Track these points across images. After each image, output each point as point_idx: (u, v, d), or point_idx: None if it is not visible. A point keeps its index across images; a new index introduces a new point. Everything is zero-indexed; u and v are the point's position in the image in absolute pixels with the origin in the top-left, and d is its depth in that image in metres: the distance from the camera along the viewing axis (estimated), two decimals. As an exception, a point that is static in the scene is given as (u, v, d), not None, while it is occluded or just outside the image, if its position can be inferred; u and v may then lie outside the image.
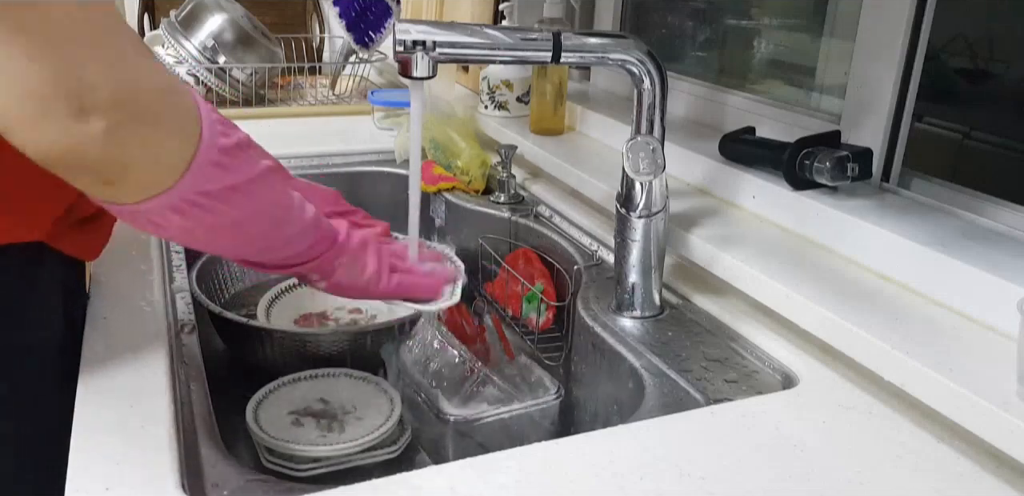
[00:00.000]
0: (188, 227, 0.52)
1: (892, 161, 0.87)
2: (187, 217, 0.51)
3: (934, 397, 0.59)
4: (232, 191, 0.52)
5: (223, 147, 0.51)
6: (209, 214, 0.51)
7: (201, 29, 1.44)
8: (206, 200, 0.50)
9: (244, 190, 0.53)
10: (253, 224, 0.56)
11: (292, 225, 0.59)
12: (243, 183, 0.53)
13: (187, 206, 0.50)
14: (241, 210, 0.54)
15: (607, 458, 0.56)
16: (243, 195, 0.53)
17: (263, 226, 0.57)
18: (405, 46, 0.64)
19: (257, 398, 0.77)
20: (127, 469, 0.53)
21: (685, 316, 0.81)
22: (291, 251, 0.61)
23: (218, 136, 0.51)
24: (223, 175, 0.51)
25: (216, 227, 0.53)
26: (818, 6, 1.08)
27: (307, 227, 0.60)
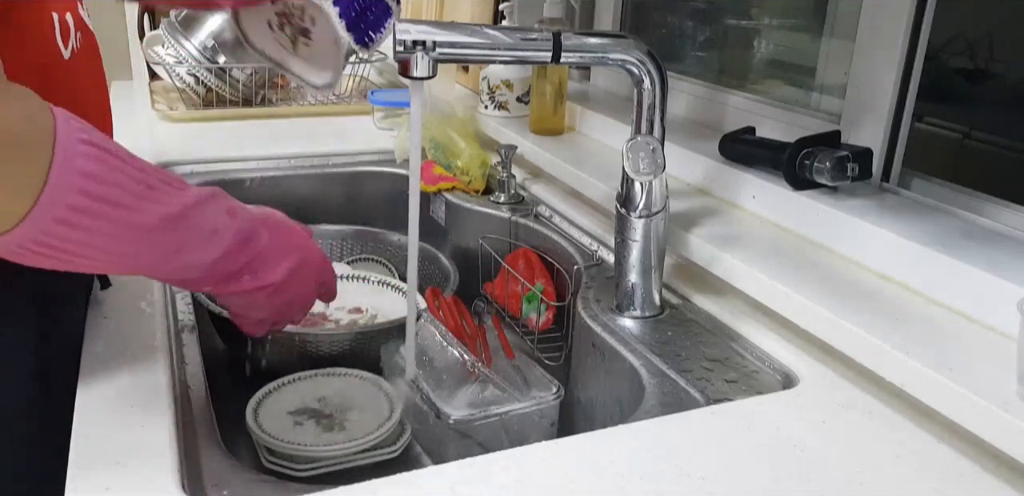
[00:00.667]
0: (44, 261, 0.50)
1: (892, 161, 0.87)
2: (35, 253, 0.49)
3: (934, 397, 0.59)
4: (82, 245, 0.49)
5: (73, 200, 0.47)
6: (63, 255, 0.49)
7: (201, 29, 1.44)
8: (49, 247, 0.48)
9: (96, 245, 0.50)
10: (121, 256, 0.53)
11: (185, 256, 0.56)
12: (103, 243, 0.50)
13: (24, 250, 0.48)
14: (94, 256, 0.51)
15: (607, 458, 0.56)
16: (93, 248, 0.50)
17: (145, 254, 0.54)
18: (405, 46, 0.64)
19: (257, 398, 0.77)
20: (127, 469, 0.53)
21: (685, 316, 0.81)
22: (187, 275, 0.58)
23: (72, 193, 0.47)
24: (68, 232, 0.48)
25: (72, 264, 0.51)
26: (818, 6, 1.08)
27: (208, 261, 0.58)
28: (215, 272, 0.59)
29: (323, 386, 0.80)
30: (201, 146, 1.29)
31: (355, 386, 0.80)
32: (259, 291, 0.63)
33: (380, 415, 0.76)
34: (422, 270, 1.03)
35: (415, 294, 0.75)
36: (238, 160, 1.25)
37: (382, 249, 1.13)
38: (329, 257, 1.12)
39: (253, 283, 0.62)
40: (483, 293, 1.07)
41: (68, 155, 0.47)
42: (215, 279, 0.60)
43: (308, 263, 0.66)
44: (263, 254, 0.62)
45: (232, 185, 1.21)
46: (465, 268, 1.05)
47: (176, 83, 1.49)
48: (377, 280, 1.03)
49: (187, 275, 0.59)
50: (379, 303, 1.01)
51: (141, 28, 2.39)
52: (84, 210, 0.48)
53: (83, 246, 0.50)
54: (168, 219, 0.53)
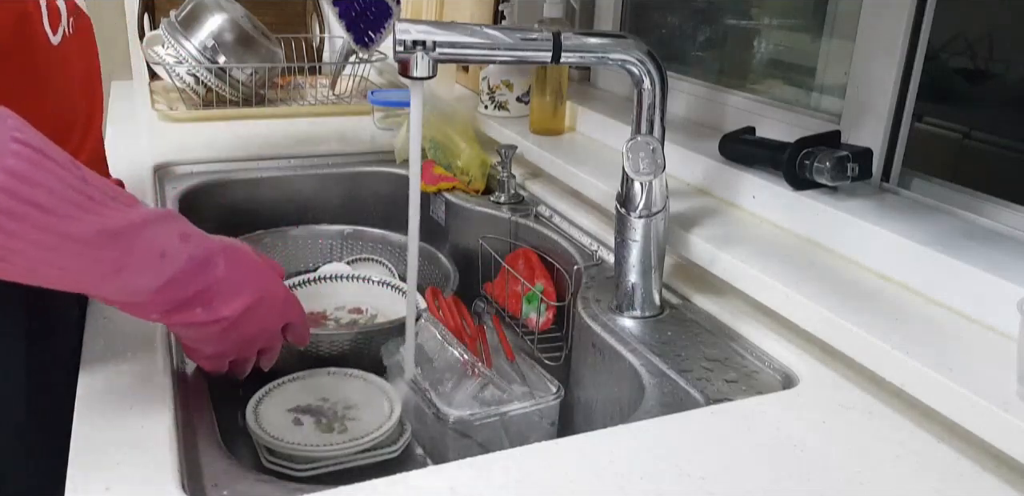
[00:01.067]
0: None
1: (892, 161, 0.87)
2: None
3: (934, 397, 0.59)
4: (7, 250, 0.46)
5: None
6: None
7: (201, 29, 1.44)
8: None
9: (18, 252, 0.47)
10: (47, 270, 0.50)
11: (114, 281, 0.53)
12: (19, 245, 0.46)
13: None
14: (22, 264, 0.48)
15: (607, 458, 0.56)
16: (22, 256, 0.47)
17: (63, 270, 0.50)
18: (405, 46, 0.64)
19: (257, 397, 0.77)
20: (127, 469, 0.53)
21: (685, 316, 0.81)
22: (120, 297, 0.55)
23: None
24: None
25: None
26: (818, 6, 1.08)
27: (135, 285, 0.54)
28: (163, 298, 0.56)
29: (323, 386, 0.80)
30: (201, 146, 1.29)
31: (355, 386, 0.80)
32: (212, 324, 0.59)
33: (380, 415, 0.76)
34: (422, 270, 1.03)
35: (415, 294, 0.75)
36: (238, 160, 1.25)
37: (382, 249, 1.13)
38: (329, 258, 1.13)
39: (205, 316, 0.58)
40: (483, 293, 1.07)
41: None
42: (163, 306, 0.57)
43: (268, 301, 0.62)
44: (217, 286, 0.58)
45: (232, 185, 1.21)
46: (465, 268, 1.05)
47: (176, 83, 1.49)
48: (377, 280, 1.03)
49: (132, 298, 0.56)
50: (379, 303, 1.01)
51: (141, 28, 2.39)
52: (7, 211, 0.45)
53: (9, 252, 0.47)
54: (107, 234, 0.50)
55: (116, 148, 0.81)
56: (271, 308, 0.63)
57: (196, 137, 1.34)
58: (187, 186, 1.16)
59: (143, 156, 1.21)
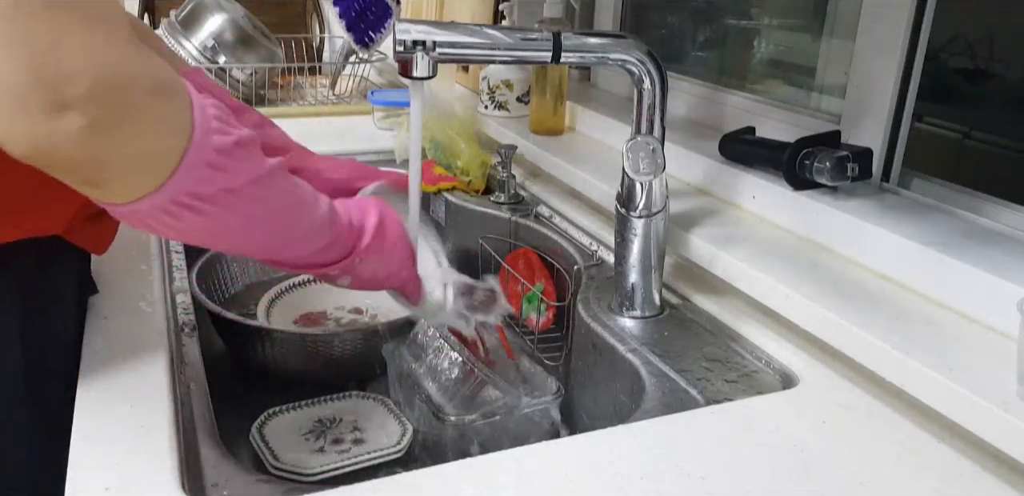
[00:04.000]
0: (183, 228, 0.50)
1: (892, 161, 0.87)
2: (180, 219, 0.48)
3: (934, 397, 0.59)
4: (228, 193, 0.49)
5: (219, 147, 0.48)
6: (203, 217, 0.49)
7: (201, 29, 1.44)
8: (200, 203, 0.48)
9: (241, 193, 0.50)
10: (255, 226, 0.54)
11: (300, 225, 0.57)
12: (241, 186, 0.50)
13: (178, 208, 0.48)
14: (239, 212, 0.51)
15: (607, 458, 0.56)
16: (241, 198, 0.51)
17: (266, 227, 0.55)
18: (405, 46, 0.64)
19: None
20: (127, 469, 0.53)
21: (685, 316, 0.81)
22: (305, 250, 0.59)
23: (213, 134, 0.47)
24: (217, 177, 0.48)
25: (213, 229, 0.51)
26: (818, 6, 1.08)
27: (320, 226, 0.59)
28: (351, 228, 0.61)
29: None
30: (201, 146, 1.29)
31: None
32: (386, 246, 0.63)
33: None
34: (422, 270, 1.02)
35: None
36: (238, 160, 1.25)
37: (382, 249, 1.12)
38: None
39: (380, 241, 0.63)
40: (483, 293, 1.07)
41: (202, 106, 0.48)
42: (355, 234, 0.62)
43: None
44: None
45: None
46: (465, 268, 1.05)
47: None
48: (377, 280, 1.03)
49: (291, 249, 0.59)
50: (379, 303, 1.01)
51: (141, 28, 2.39)
52: (228, 153, 0.48)
53: (231, 201, 0.50)
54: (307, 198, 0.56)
55: (116, 148, 0.81)
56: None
57: (196, 137, 1.34)
58: (187, 186, 1.15)
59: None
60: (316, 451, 0.74)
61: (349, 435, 0.77)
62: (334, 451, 0.74)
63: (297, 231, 0.57)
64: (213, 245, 0.57)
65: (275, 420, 0.78)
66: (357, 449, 0.75)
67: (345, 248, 0.61)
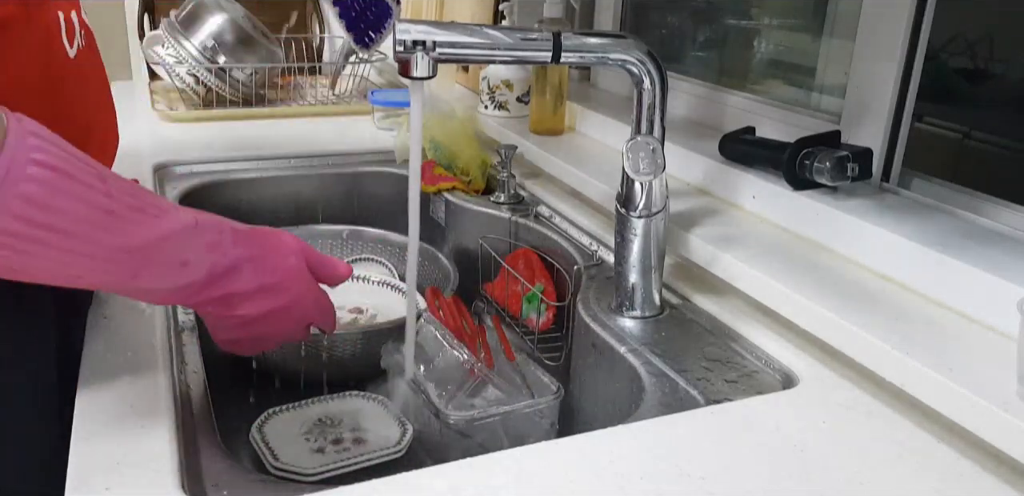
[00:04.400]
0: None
1: (892, 161, 0.87)
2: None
3: (934, 397, 0.59)
4: (23, 265, 0.47)
5: (6, 229, 0.44)
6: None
7: (201, 29, 1.44)
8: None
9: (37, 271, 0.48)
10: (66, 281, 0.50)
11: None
12: (34, 262, 0.47)
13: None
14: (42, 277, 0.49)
15: (607, 458, 0.56)
16: (36, 269, 0.48)
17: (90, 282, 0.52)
18: (405, 46, 0.64)
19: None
20: (127, 469, 0.53)
21: (685, 316, 0.81)
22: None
23: (5, 217, 0.44)
24: (6, 254, 0.45)
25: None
26: (818, 6, 1.08)
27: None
28: (177, 297, 0.56)
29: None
30: (201, 146, 1.29)
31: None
32: (229, 318, 0.59)
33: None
34: (422, 270, 1.03)
35: (415, 294, 0.75)
36: (238, 160, 1.25)
37: (382, 249, 1.13)
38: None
39: (223, 311, 0.59)
40: (483, 293, 1.07)
41: (13, 175, 0.44)
42: (179, 301, 0.57)
43: (294, 309, 0.62)
44: (238, 293, 0.58)
45: (232, 185, 1.21)
46: (465, 268, 1.05)
47: (176, 83, 1.49)
48: (377, 280, 1.03)
49: (147, 297, 0.57)
50: (379, 303, 1.01)
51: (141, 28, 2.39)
52: (23, 236, 0.45)
53: (26, 266, 0.47)
54: (125, 250, 0.50)
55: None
56: (296, 313, 0.62)
57: (196, 137, 1.34)
58: (187, 186, 1.16)
59: (143, 156, 1.21)
60: (316, 451, 0.74)
61: (349, 435, 0.77)
62: (334, 451, 0.74)
63: (146, 266, 0.52)
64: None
65: (275, 420, 0.78)
66: (357, 449, 0.75)
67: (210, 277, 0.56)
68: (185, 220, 0.54)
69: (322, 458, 0.73)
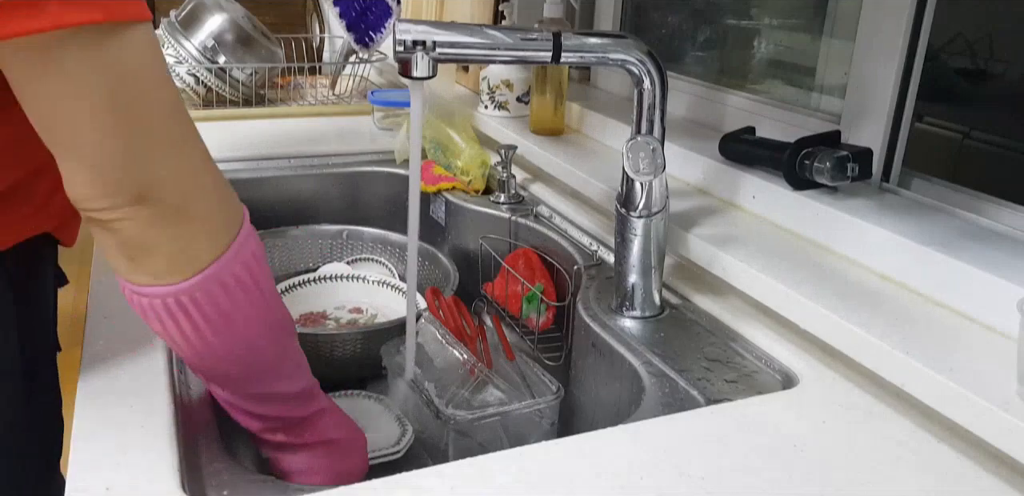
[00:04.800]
0: (166, 328, 0.54)
1: (892, 161, 0.87)
2: (181, 314, 0.53)
3: (934, 397, 0.59)
4: (232, 303, 0.54)
5: (245, 262, 0.53)
6: (200, 320, 0.53)
7: (201, 29, 1.44)
8: (203, 306, 0.53)
9: (244, 305, 0.54)
10: (241, 342, 0.56)
11: (286, 355, 0.61)
12: (245, 300, 0.54)
13: (185, 303, 0.52)
14: (233, 325, 0.55)
15: (607, 458, 0.56)
16: (239, 309, 0.54)
17: (253, 346, 0.57)
18: (405, 46, 0.64)
19: None
20: (127, 469, 0.53)
21: (685, 316, 0.81)
22: (280, 387, 0.61)
23: (247, 252, 0.54)
24: (223, 295, 0.53)
25: (201, 334, 0.54)
26: (818, 6, 1.08)
27: (300, 364, 0.62)
28: (279, 414, 0.62)
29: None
30: (201, 146, 1.29)
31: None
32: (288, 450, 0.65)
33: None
34: (422, 270, 1.03)
35: (415, 294, 0.75)
36: (238, 160, 1.25)
37: (382, 249, 1.13)
38: (329, 258, 1.13)
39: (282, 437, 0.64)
40: (483, 293, 1.07)
41: (246, 231, 0.55)
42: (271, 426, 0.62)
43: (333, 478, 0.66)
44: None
45: (232, 185, 1.21)
46: (465, 268, 1.05)
47: (176, 83, 1.49)
48: (377, 280, 1.03)
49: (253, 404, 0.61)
50: (379, 303, 1.01)
51: (141, 28, 2.39)
52: (241, 280, 0.54)
53: (223, 315, 0.54)
54: (278, 328, 0.59)
55: (116, 148, 0.81)
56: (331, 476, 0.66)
57: (196, 137, 1.34)
58: (187, 186, 1.16)
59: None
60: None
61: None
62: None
63: (282, 361, 0.60)
64: (194, 353, 0.57)
65: None
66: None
67: (311, 400, 0.64)
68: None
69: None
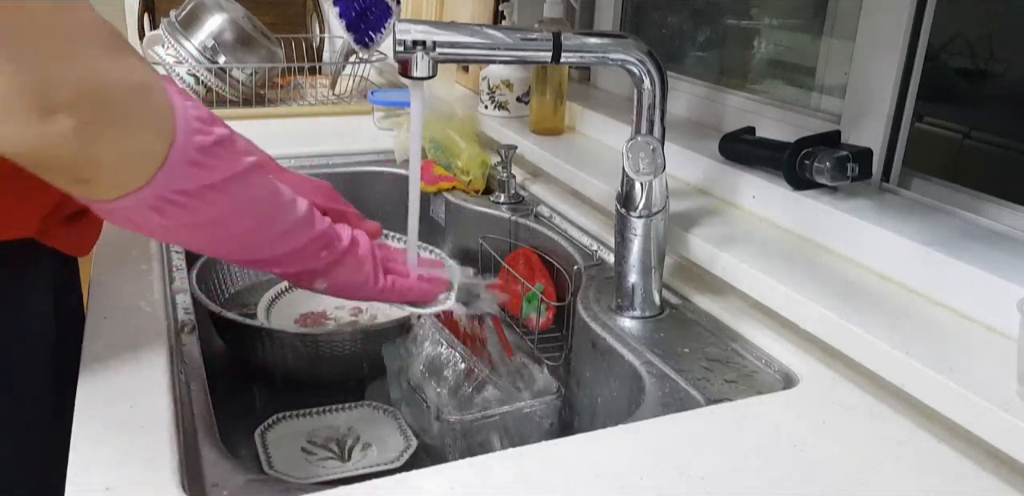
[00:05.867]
0: (167, 225, 0.51)
1: (892, 161, 0.87)
2: (165, 215, 0.50)
3: (934, 397, 0.59)
4: (211, 189, 0.51)
5: (200, 145, 0.50)
6: (187, 212, 0.50)
7: (201, 29, 1.44)
8: (184, 198, 0.50)
9: (223, 188, 0.52)
10: (235, 222, 0.55)
11: (280, 223, 0.58)
12: (222, 181, 0.51)
13: (164, 204, 0.49)
14: (221, 208, 0.52)
15: (607, 458, 0.56)
16: (223, 193, 0.52)
17: (246, 224, 0.56)
18: (405, 46, 0.64)
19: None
20: (127, 469, 0.53)
21: (685, 316, 0.81)
22: (282, 249, 0.59)
23: (195, 134, 0.49)
24: (200, 173, 0.50)
25: (196, 225, 0.52)
26: (818, 6, 1.08)
27: (298, 225, 0.59)
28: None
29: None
30: (201, 146, 1.29)
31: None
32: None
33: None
34: (422, 270, 1.02)
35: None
36: (238, 160, 1.25)
37: (382, 249, 1.12)
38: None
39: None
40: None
41: (183, 107, 0.49)
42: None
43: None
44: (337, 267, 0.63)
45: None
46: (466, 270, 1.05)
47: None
48: (377, 280, 1.03)
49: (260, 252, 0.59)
50: (379, 303, 1.01)
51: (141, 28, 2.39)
52: (209, 151, 0.50)
53: (213, 197, 0.51)
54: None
55: (116, 148, 0.81)
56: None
57: (196, 137, 1.34)
58: (187, 186, 1.16)
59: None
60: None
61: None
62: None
63: (276, 227, 0.58)
64: (193, 242, 0.56)
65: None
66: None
67: (324, 249, 0.61)
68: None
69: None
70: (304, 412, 0.80)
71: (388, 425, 0.80)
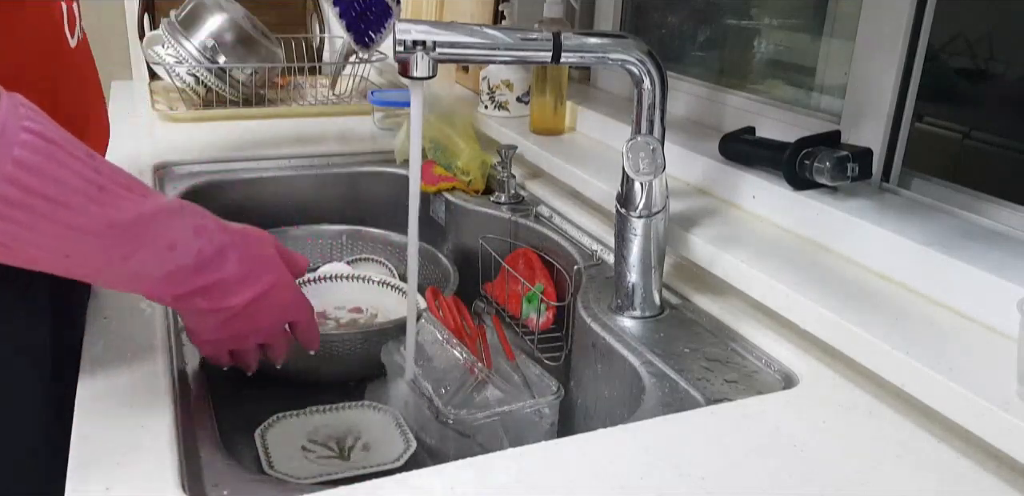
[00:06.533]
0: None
1: (892, 161, 0.87)
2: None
3: (934, 397, 0.59)
4: (14, 238, 0.47)
5: (3, 195, 0.45)
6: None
7: (201, 29, 1.44)
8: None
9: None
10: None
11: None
12: (28, 234, 0.47)
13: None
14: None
15: (607, 458, 0.56)
16: (29, 244, 0.48)
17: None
18: (405, 46, 0.64)
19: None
20: (127, 469, 0.53)
21: (685, 316, 0.81)
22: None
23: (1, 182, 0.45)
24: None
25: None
26: (818, 6, 1.08)
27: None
28: (166, 287, 0.56)
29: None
30: (201, 146, 1.29)
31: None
32: (213, 313, 0.59)
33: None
34: (422, 270, 1.03)
35: (415, 294, 0.75)
36: (238, 160, 1.25)
37: (382, 249, 1.13)
38: (329, 258, 1.13)
39: (208, 305, 0.58)
40: (483, 293, 1.07)
41: (6, 139, 0.45)
42: (167, 293, 0.57)
43: (274, 297, 0.62)
44: (224, 280, 0.58)
45: (232, 185, 1.21)
46: (465, 268, 1.05)
47: (176, 83, 1.49)
48: (377, 280, 1.03)
49: (134, 286, 0.56)
50: (379, 303, 1.01)
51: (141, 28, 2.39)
52: (16, 203, 0.46)
53: (13, 239, 0.47)
54: (116, 226, 0.50)
55: (116, 148, 0.81)
56: (276, 304, 0.63)
57: (196, 137, 1.34)
58: (187, 186, 1.16)
59: (143, 156, 1.21)
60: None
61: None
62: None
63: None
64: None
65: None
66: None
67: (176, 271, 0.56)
68: (171, 202, 0.55)
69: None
70: (304, 412, 0.80)
71: (388, 425, 0.80)
